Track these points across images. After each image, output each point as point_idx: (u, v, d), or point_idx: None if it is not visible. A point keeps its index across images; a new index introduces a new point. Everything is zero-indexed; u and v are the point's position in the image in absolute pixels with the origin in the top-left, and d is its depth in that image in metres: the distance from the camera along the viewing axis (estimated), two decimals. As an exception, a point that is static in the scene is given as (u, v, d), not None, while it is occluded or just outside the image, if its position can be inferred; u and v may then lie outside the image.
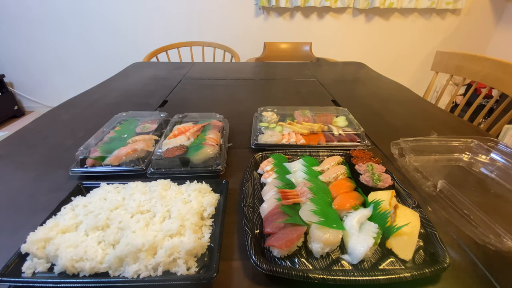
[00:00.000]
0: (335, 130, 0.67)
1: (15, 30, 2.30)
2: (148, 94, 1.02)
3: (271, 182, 0.49)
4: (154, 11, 2.26)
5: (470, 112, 1.04)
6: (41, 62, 2.45)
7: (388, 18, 2.37)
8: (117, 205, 0.43)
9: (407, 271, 0.33)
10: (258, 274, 0.36)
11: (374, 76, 1.31)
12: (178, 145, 0.56)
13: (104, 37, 2.36)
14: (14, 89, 2.56)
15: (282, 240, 0.36)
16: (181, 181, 0.49)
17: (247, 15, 2.32)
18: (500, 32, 2.42)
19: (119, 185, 0.48)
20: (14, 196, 0.50)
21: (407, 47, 2.51)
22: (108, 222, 0.40)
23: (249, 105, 0.88)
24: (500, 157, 0.58)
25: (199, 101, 0.97)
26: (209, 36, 2.18)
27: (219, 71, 1.39)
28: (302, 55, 1.83)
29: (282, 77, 1.28)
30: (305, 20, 2.35)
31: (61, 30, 2.32)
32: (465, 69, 1.07)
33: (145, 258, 0.34)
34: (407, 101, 1.00)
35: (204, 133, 0.63)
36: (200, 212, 0.42)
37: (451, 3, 2.22)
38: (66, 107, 0.91)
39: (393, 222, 0.40)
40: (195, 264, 0.35)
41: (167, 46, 1.76)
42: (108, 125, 0.69)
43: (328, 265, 0.36)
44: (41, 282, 0.33)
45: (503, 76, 0.92)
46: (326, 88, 1.11)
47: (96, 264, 0.34)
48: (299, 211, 0.41)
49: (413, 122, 0.82)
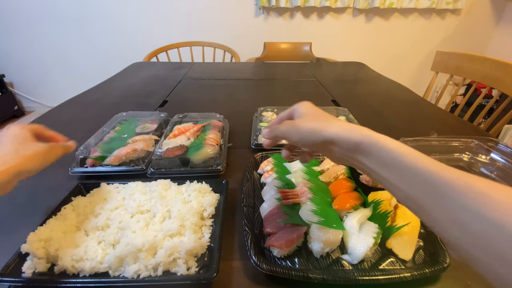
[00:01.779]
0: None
1: (15, 30, 2.30)
2: (148, 94, 1.02)
3: (271, 182, 0.49)
4: (154, 11, 2.26)
5: (470, 112, 1.04)
6: (41, 62, 2.45)
7: (388, 18, 2.37)
8: (117, 205, 0.43)
9: (407, 271, 0.33)
10: (258, 274, 0.36)
11: (374, 76, 1.31)
12: (178, 145, 0.56)
13: (104, 37, 2.36)
14: (14, 89, 2.56)
15: (282, 240, 0.36)
16: (181, 181, 0.49)
17: (247, 15, 2.32)
18: (500, 32, 2.42)
19: (119, 185, 0.48)
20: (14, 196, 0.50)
21: (407, 47, 2.51)
22: (108, 222, 0.40)
23: (249, 105, 0.88)
24: (500, 157, 0.58)
25: (199, 101, 0.97)
26: (209, 36, 2.18)
27: (219, 71, 1.39)
28: (302, 55, 1.83)
29: (282, 77, 1.28)
30: (305, 20, 2.35)
31: (61, 30, 2.31)
32: (465, 69, 1.07)
33: (145, 258, 0.34)
34: (407, 101, 1.00)
35: (204, 133, 0.63)
36: (200, 212, 0.42)
37: (451, 3, 2.22)
38: (66, 107, 0.91)
39: (393, 222, 0.40)
40: (195, 264, 0.35)
41: (167, 46, 1.76)
42: (108, 125, 0.69)
43: (328, 265, 0.36)
44: (41, 282, 0.33)
45: (503, 76, 0.92)
46: (326, 88, 1.11)
47: (96, 264, 0.34)
48: (299, 211, 0.41)
49: (413, 122, 0.83)
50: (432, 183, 0.21)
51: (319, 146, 0.30)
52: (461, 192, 0.20)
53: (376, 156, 0.25)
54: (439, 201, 0.21)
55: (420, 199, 0.22)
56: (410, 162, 0.23)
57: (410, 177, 0.23)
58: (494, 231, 0.18)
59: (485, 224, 0.18)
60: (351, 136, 0.27)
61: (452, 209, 0.20)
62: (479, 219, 0.19)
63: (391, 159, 0.24)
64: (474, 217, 0.19)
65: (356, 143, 0.27)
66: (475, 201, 0.19)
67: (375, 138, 0.26)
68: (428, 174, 0.22)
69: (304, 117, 0.32)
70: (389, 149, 0.25)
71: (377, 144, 0.25)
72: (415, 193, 0.23)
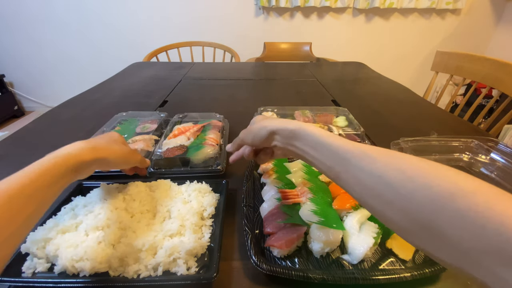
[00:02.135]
0: (335, 130, 0.67)
1: (15, 30, 2.30)
2: (148, 94, 1.02)
3: (271, 182, 0.49)
4: (154, 11, 2.26)
5: (470, 112, 1.04)
6: (41, 62, 2.45)
7: (388, 18, 2.37)
8: (117, 205, 0.43)
9: (407, 271, 0.33)
10: (258, 274, 0.36)
11: (374, 76, 1.31)
12: (178, 145, 0.56)
13: (104, 37, 2.36)
14: (14, 89, 2.56)
15: (282, 240, 0.36)
16: (181, 181, 0.49)
17: (247, 15, 2.32)
18: (500, 32, 2.42)
19: (119, 185, 0.48)
20: (14, 196, 0.50)
21: (407, 47, 2.51)
22: (108, 222, 0.40)
23: (249, 105, 0.88)
24: (500, 157, 0.58)
25: (199, 101, 0.97)
26: (209, 36, 2.18)
27: (219, 71, 1.39)
28: (302, 55, 1.83)
29: (282, 77, 1.28)
30: (305, 20, 2.35)
31: (61, 30, 2.32)
32: (465, 69, 1.07)
33: (145, 258, 0.34)
34: (407, 101, 1.00)
35: (204, 133, 0.63)
36: (200, 212, 0.42)
37: (451, 3, 2.22)
38: (66, 107, 0.91)
39: (393, 222, 0.39)
40: (195, 264, 0.35)
41: (167, 46, 1.76)
42: (108, 125, 0.69)
43: (328, 265, 0.36)
44: (41, 282, 0.33)
45: (503, 76, 0.92)
46: (326, 88, 1.11)
47: (96, 264, 0.34)
48: (299, 211, 0.41)
49: (413, 122, 0.82)
50: (340, 154, 0.29)
51: (267, 139, 0.38)
52: (358, 158, 0.27)
53: (305, 139, 0.33)
54: (345, 167, 0.28)
55: (335, 168, 0.29)
56: (326, 141, 0.31)
57: (327, 151, 0.30)
58: (379, 183, 0.24)
59: (374, 178, 0.25)
60: (288, 126, 0.35)
61: (353, 171, 0.27)
62: (370, 176, 0.25)
63: (314, 140, 0.32)
64: (367, 175, 0.26)
65: (292, 130, 0.35)
66: (367, 162, 0.26)
67: (304, 126, 0.34)
68: (337, 148, 0.29)
69: (255, 123, 0.40)
70: (313, 134, 0.32)
71: (306, 131, 0.33)
72: (331, 163, 0.30)
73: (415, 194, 0.22)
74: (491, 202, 0.19)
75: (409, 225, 0.22)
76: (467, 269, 0.19)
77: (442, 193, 0.20)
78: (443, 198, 0.20)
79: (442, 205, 0.20)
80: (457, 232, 0.19)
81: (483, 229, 0.18)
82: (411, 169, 0.23)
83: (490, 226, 0.18)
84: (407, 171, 0.23)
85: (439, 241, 0.21)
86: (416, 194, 0.22)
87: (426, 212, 0.21)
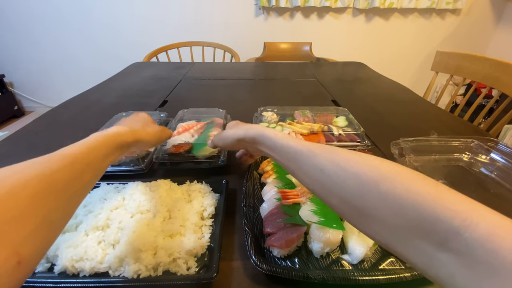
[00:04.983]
0: (335, 130, 0.67)
1: (15, 30, 2.30)
2: (148, 94, 1.02)
3: (271, 182, 0.49)
4: (154, 11, 2.26)
5: (470, 112, 1.04)
6: (41, 62, 2.45)
7: (388, 18, 2.37)
8: (117, 205, 0.43)
9: (407, 271, 0.33)
10: (258, 274, 0.36)
11: (374, 76, 1.31)
12: (183, 142, 0.58)
13: (104, 37, 2.36)
14: (14, 89, 2.56)
15: (282, 240, 0.36)
16: (181, 181, 0.49)
17: (247, 15, 2.32)
18: (500, 32, 2.42)
19: (119, 185, 0.48)
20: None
21: (407, 47, 2.51)
22: (108, 222, 0.40)
23: (249, 105, 0.88)
24: (500, 157, 0.58)
25: (199, 101, 0.97)
26: (209, 36, 2.18)
27: (219, 71, 1.39)
28: (302, 55, 1.83)
29: (282, 77, 1.28)
30: (305, 20, 2.35)
31: (61, 30, 2.31)
32: (465, 69, 1.07)
33: (145, 258, 0.34)
34: (407, 101, 1.00)
35: (207, 130, 0.64)
36: (200, 212, 0.42)
37: (451, 3, 2.22)
38: (66, 107, 0.91)
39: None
40: (195, 264, 0.35)
41: (167, 46, 1.76)
42: (108, 125, 0.69)
43: (328, 265, 0.36)
44: (41, 282, 0.33)
45: (503, 76, 0.92)
46: (326, 88, 1.11)
47: (96, 264, 0.34)
48: (299, 211, 0.41)
49: (413, 122, 0.82)
50: (293, 154, 0.32)
51: (237, 144, 0.42)
52: (305, 155, 0.30)
53: (265, 143, 0.37)
54: (297, 164, 0.31)
55: (291, 165, 0.33)
56: (281, 143, 0.34)
57: (283, 152, 0.34)
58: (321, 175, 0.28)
59: (317, 172, 0.28)
60: (249, 134, 0.39)
61: (303, 167, 0.30)
62: (314, 169, 0.29)
63: (273, 143, 0.35)
64: (313, 169, 0.29)
65: (253, 137, 0.39)
66: (312, 159, 0.29)
67: (263, 131, 0.37)
68: (290, 148, 0.33)
69: (227, 129, 0.45)
70: (270, 138, 0.36)
71: (263, 136, 0.37)
72: (287, 162, 0.33)
73: (347, 182, 0.25)
74: (408, 184, 0.22)
75: (347, 210, 0.26)
76: (397, 247, 0.22)
77: (368, 180, 0.23)
78: (368, 185, 0.23)
79: (368, 190, 0.23)
80: (383, 213, 0.22)
81: (402, 208, 0.21)
82: (343, 161, 0.26)
83: (407, 205, 0.20)
84: (340, 163, 0.26)
85: (371, 222, 0.23)
86: (347, 182, 0.25)
87: (357, 197, 0.24)
